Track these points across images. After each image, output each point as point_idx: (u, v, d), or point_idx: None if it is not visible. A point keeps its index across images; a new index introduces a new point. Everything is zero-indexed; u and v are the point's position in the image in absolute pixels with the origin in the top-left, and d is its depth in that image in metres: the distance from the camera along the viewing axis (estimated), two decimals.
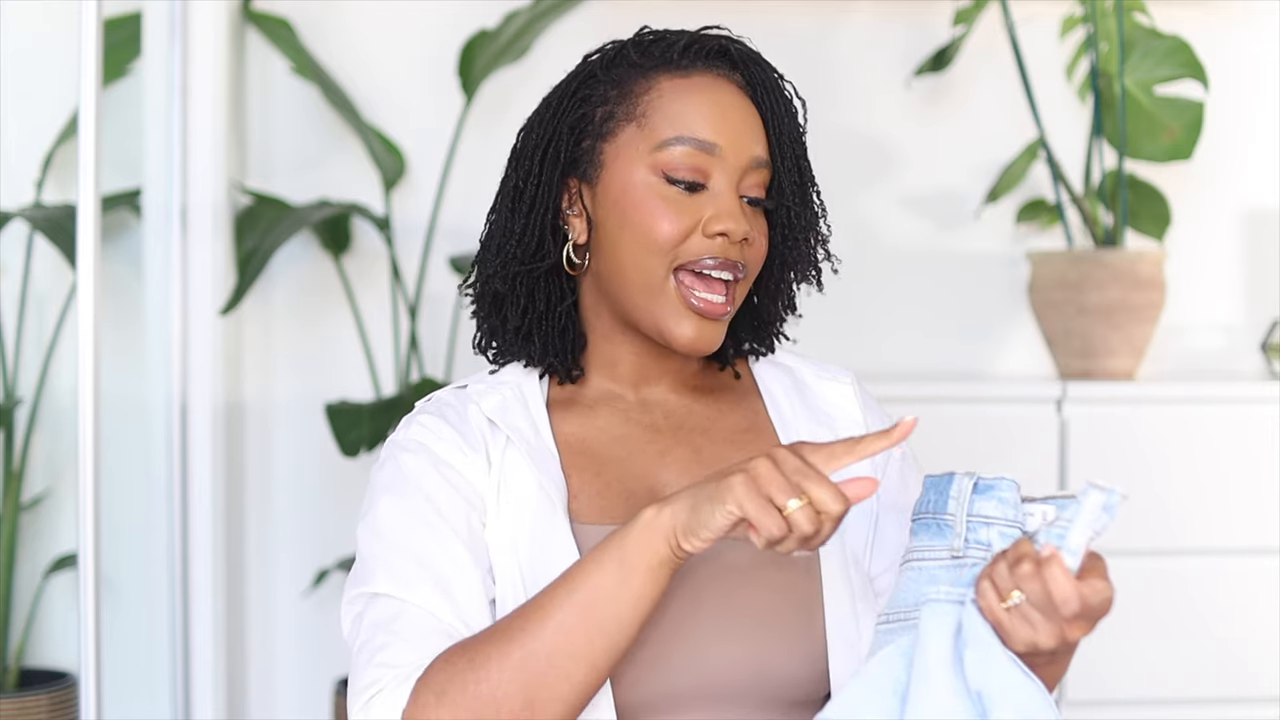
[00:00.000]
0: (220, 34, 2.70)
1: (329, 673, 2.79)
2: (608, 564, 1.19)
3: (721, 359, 1.45)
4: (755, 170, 1.35)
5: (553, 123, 1.37)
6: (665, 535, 1.18)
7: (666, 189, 1.33)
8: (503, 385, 1.39)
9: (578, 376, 1.40)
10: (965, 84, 2.87)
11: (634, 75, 1.36)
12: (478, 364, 1.46)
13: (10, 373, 2.67)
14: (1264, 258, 2.93)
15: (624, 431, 1.38)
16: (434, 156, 2.76)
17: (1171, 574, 2.49)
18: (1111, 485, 1.09)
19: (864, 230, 2.87)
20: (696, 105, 1.33)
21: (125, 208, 2.70)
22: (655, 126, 1.33)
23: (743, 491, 1.14)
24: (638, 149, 1.34)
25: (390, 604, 1.27)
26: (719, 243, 1.32)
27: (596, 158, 1.36)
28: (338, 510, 2.81)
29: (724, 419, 1.41)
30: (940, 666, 1.11)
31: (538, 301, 1.38)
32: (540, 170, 1.37)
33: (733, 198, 1.33)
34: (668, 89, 1.34)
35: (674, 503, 1.19)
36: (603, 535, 1.30)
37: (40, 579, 2.70)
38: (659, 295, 1.33)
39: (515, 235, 1.38)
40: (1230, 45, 2.85)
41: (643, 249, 1.32)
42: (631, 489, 1.35)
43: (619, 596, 1.19)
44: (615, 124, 1.35)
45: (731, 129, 1.33)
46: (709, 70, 1.35)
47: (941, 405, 2.52)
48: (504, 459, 1.33)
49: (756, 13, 2.78)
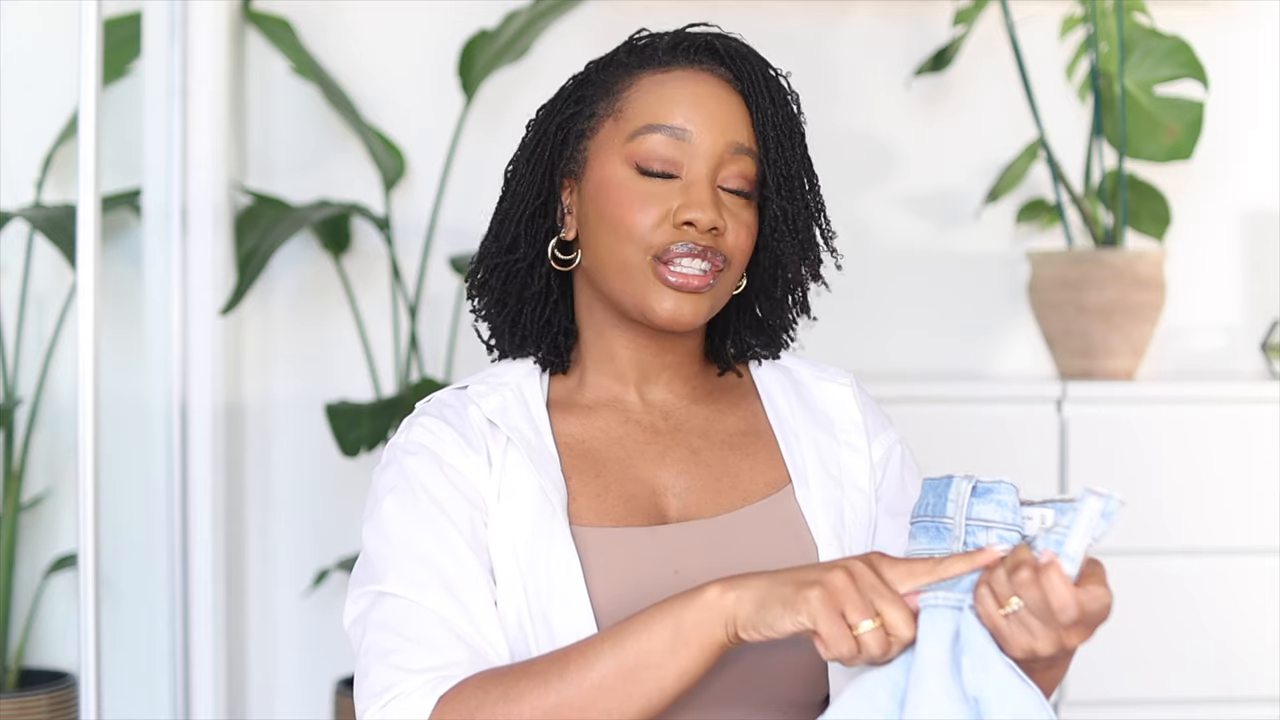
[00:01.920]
0: (220, 34, 2.70)
1: (329, 673, 2.79)
2: (659, 630, 1.18)
3: (722, 362, 1.45)
4: (735, 159, 1.34)
5: (545, 123, 1.40)
6: (725, 621, 1.17)
7: (638, 180, 1.33)
8: (503, 386, 1.39)
9: (567, 367, 1.41)
10: (965, 84, 2.87)
11: (619, 75, 1.37)
12: (478, 364, 1.46)
13: (10, 373, 2.67)
14: (1264, 258, 2.93)
15: (623, 432, 1.39)
16: (434, 156, 2.77)
17: (1171, 574, 2.49)
18: (1110, 491, 1.08)
19: (864, 230, 2.87)
20: (669, 95, 1.34)
21: (125, 208, 2.70)
22: (629, 118, 1.35)
23: (819, 607, 1.12)
24: (614, 142, 1.35)
25: (398, 604, 1.27)
26: (688, 232, 1.32)
27: (581, 155, 1.37)
28: (338, 510, 2.81)
29: (722, 420, 1.41)
30: (937, 671, 1.11)
31: (511, 296, 1.40)
32: (527, 169, 1.39)
33: (704, 187, 1.33)
34: (646, 83, 1.35)
35: (741, 590, 1.17)
36: (602, 537, 1.31)
37: (40, 579, 2.70)
38: (638, 276, 1.33)
39: (494, 232, 1.41)
40: (1230, 45, 2.85)
41: (618, 239, 1.33)
42: (631, 491, 1.35)
43: (664, 664, 1.18)
44: (596, 121, 1.37)
45: (705, 115, 1.33)
46: (691, 65, 1.36)
47: (941, 405, 2.52)
48: (504, 460, 1.33)
49: (756, 13, 2.79)
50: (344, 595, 2.80)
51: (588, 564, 1.29)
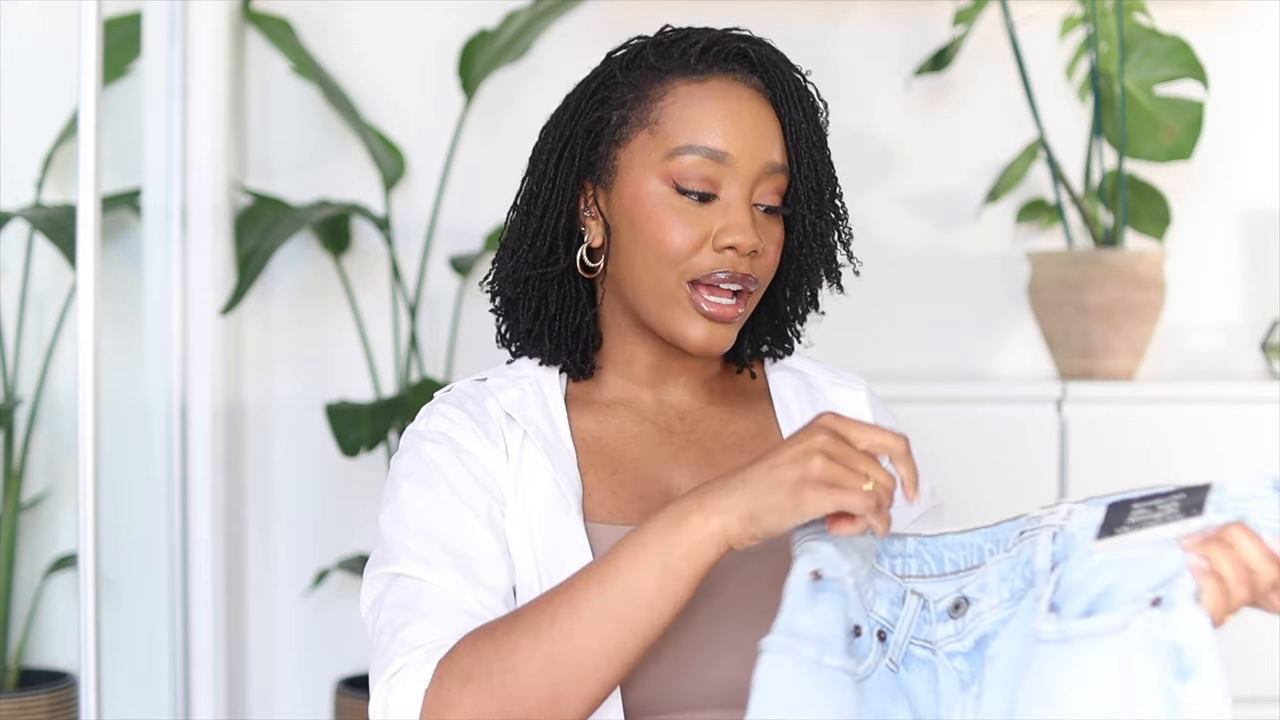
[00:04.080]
0: (220, 34, 2.70)
1: (329, 673, 2.78)
2: (646, 567, 1.16)
3: (738, 361, 1.44)
4: (770, 176, 1.33)
5: (570, 124, 1.36)
6: (716, 545, 1.15)
7: (677, 199, 1.31)
8: (521, 380, 1.38)
9: (592, 373, 1.40)
10: (965, 84, 2.87)
11: (650, 79, 1.34)
12: (478, 364, 1.46)
13: (10, 373, 2.67)
14: (1264, 258, 2.93)
15: (639, 432, 1.38)
16: (434, 156, 2.76)
17: None
18: None
19: (864, 230, 2.83)
20: (709, 112, 1.31)
21: (125, 208, 2.70)
22: (667, 134, 1.32)
23: (817, 502, 1.12)
24: (650, 156, 1.32)
25: (412, 584, 1.26)
26: (728, 256, 1.31)
27: (611, 163, 1.35)
28: (338, 510, 2.81)
29: (735, 423, 1.41)
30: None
31: (550, 304, 1.38)
32: (555, 173, 1.36)
33: (744, 208, 1.31)
34: (682, 95, 1.33)
35: (724, 511, 1.15)
36: (615, 535, 1.30)
37: (40, 579, 2.70)
38: (671, 301, 1.32)
39: (528, 239, 1.37)
40: (1230, 45, 2.85)
41: (654, 258, 1.31)
42: (645, 490, 1.35)
43: (657, 601, 1.16)
44: (629, 129, 1.34)
45: (744, 136, 1.31)
46: (725, 74, 1.33)
47: (942, 405, 2.51)
48: (521, 453, 1.33)
49: (756, 13, 2.78)
50: (344, 595, 2.81)
51: None
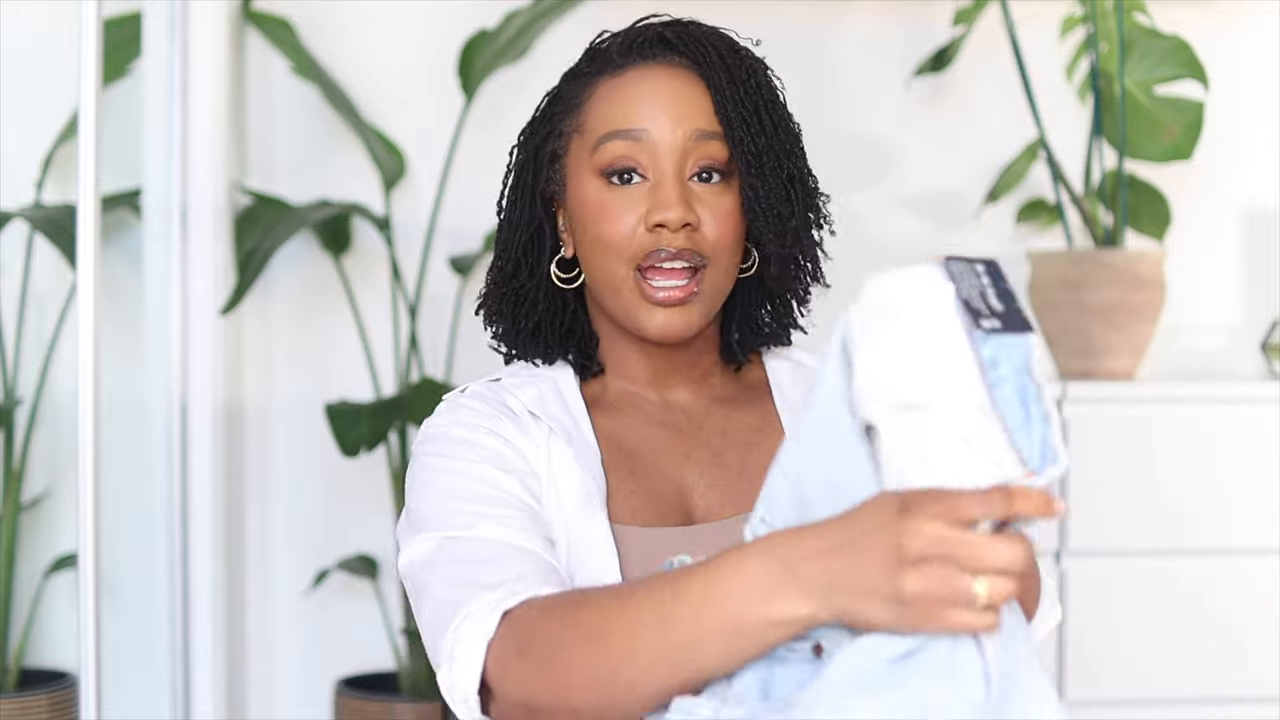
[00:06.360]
0: (220, 34, 2.70)
1: (329, 673, 2.78)
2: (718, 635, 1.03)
3: (728, 354, 1.44)
4: (699, 145, 1.32)
5: (526, 147, 1.39)
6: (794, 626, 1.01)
7: (607, 189, 1.32)
8: (537, 378, 1.38)
9: (599, 370, 1.40)
10: (965, 84, 2.87)
11: (580, 86, 1.36)
12: (478, 364, 1.46)
13: (10, 373, 2.66)
14: (1264, 258, 2.93)
15: (650, 432, 1.38)
16: (434, 156, 2.76)
17: (1171, 574, 2.49)
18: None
19: (864, 230, 2.87)
20: (623, 98, 1.32)
21: (125, 208, 2.70)
22: (590, 130, 1.33)
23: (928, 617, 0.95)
24: (583, 159, 1.34)
25: (458, 544, 1.23)
26: (664, 235, 1.30)
27: (559, 177, 1.37)
28: (338, 510, 2.81)
29: (739, 418, 1.41)
30: None
31: (537, 310, 1.39)
32: (517, 195, 1.39)
33: (671, 184, 1.31)
34: (602, 92, 1.34)
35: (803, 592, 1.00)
36: (636, 536, 1.30)
37: (40, 579, 2.70)
38: (625, 292, 1.32)
39: (496, 257, 1.40)
40: (1230, 45, 2.85)
41: (602, 252, 1.32)
42: (660, 490, 1.35)
43: (725, 664, 1.05)
44: (566, 140, 1.36)
45: (659, 110, 1.31)
46: (644, 62, 1.34)
47: None
48: (549, 448, 1.32)
49: (756, 13, 2.78)
50: (344, 595, 2.81)
51: (624, 562, 1.29)
